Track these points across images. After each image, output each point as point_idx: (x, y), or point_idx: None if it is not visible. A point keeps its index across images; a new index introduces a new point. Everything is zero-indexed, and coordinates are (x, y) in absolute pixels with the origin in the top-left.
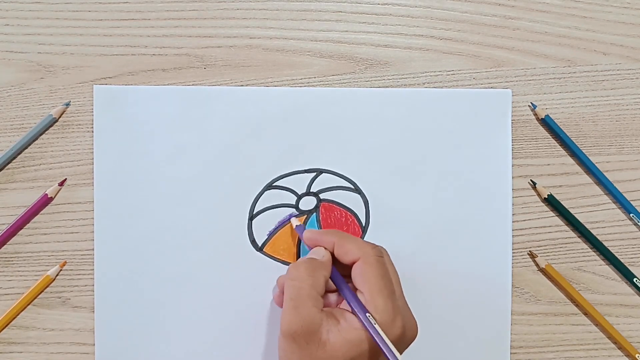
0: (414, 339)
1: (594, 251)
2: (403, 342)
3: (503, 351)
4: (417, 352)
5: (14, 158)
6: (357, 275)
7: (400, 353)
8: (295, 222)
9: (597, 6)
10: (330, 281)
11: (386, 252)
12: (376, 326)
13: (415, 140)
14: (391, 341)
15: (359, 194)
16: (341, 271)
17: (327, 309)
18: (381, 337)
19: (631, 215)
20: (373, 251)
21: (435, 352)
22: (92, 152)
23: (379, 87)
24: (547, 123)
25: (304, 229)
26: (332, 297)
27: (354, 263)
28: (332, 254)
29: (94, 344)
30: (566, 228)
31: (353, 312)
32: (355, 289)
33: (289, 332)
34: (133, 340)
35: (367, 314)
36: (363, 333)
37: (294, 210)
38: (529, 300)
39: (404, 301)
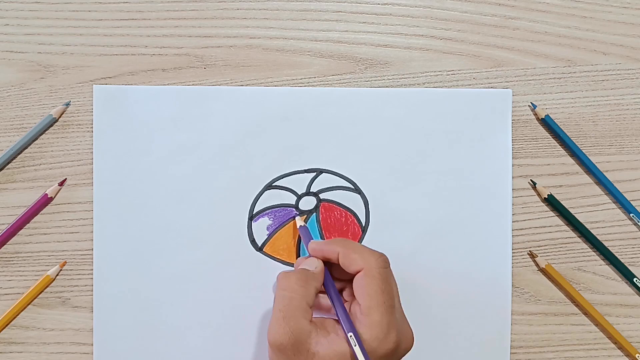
0: (407, 352)
1: (594, 251)
2: (395, 355)
3: (503, 351)
4: (417, 353)
5: (14, 158)
6: (358, 286)
7: None
8: (299, 222)
9: (597, 6)
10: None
11: (388, 261)
12: (356, 348)
13: (415, 140)
14: (382, 355)
15: (359, 194)
16: (341, 276)
17: (319, 318)
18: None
19: (631, 215)
20: (377, 263)
21: (436, 352)
22: (92, 152)
23: (379, 87)
24: (547, 123)
25: (308, 229)
26: (322, 301)
27: (357, 272)
28: (328, 263)
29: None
30: (566, 228)
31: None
32: (354, 298)
33: (276, 343)
34: (132, 341)
35: (350, 334)
36: (348, 347)
37: (293, 209)
38: (529, 300)
39: (401, 313)
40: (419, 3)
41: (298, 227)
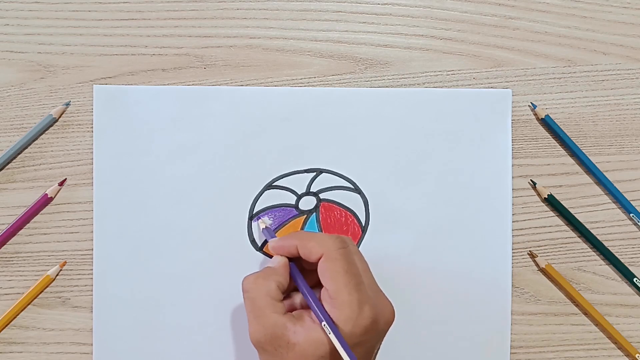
0: (390, 324)
1: (594, 251)
2: (376, 330)
3: (503, 351)
4: (417, 352)
5: (14, 158)
6: (322, 272)
7: (378, 343)
8: (262, 224)
9: (597, 6)
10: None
11: (350, 240)
12: (331, 335)
13: (415, 140)
14: (361, 334)
15: (359, 194)
16: (311, 267)
17: (296, 312)
18: (339, 344)
19: (631, 215)
20: (334, 245)
21: (436, 352)
22: (92, 152)
23: (379, 87)
24: (547, 123)
25: (270, 230)
26: (298, 298)
27: (319, 260)
28: (298, 258)
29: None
30: (566, 228)
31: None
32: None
33: (256, 342)
34: (132, 341)
35: (323, 324)
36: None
37: (293, 209)
38: (529, 300)
39: (375, 288)
40: (419, 3)
41: (261, 230)
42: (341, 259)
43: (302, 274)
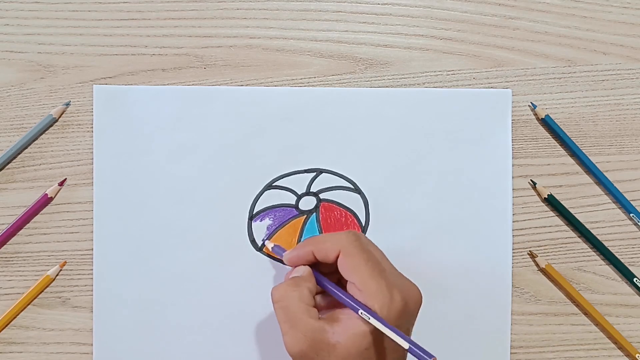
0: (419, 305)
1: (594, 251)
2: (408, 313)
3: (503, 351)
4: None
5: (14, 158)
6: (343, 269)
7: (411, 325)
8: (269, 244)
9: (597, 6)
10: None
11: (360, 233)
12: (371, 320)
13: (416, 140)
14: (396, 318)
15: (359, 194)
16: (329, 270)
17: (327, 314)
18: (384, 328)
19: (631, 215)
20: (348, 239)
21: (435, 351)
22: (92, 152)
23: (379, 87)
24: (547, 123)
25: (280, 247)
26: (321, 300)
27: (337, 258)
28: (315, 263)
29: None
30: (566, 228)
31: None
32: (347, 282)
33: (296, 352)
34: (132, 341)
35: (360, 312)
36: (365, 323)
37: (293, 209)
38: (529, 300)
39: (396, 273)
40: (419, 3)
41: (270, 249)
42: (358, 251)
43: None
